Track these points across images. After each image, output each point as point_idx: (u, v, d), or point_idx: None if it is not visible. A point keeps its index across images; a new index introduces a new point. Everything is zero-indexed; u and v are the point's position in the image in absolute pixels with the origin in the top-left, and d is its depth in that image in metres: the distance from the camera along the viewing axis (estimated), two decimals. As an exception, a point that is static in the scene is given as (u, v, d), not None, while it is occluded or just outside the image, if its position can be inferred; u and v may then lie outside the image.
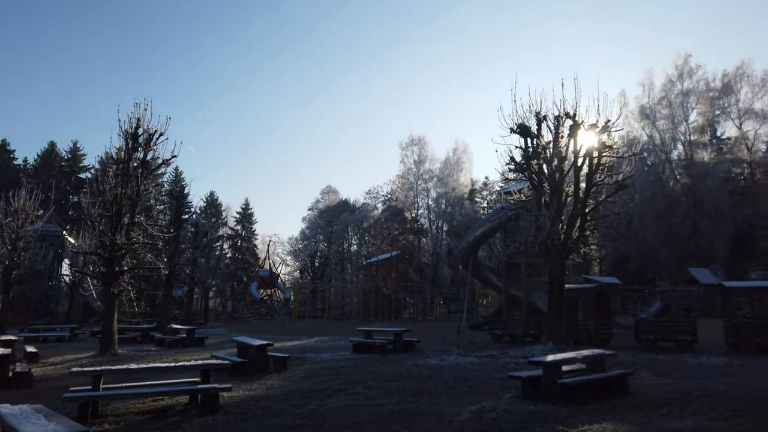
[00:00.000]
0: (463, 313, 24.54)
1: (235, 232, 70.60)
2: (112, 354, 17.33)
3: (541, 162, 17.74)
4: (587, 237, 17.86)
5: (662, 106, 53.29)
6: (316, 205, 72.47)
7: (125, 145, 18.89)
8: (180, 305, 44.22)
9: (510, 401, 8.85)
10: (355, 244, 68.06)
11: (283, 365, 13.29)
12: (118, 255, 17.94)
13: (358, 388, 10.43)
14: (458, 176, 62.68)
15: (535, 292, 22.90)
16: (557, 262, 16.78)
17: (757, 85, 50.27)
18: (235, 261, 66.96)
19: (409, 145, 63.24)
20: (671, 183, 52.66)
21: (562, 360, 9.14)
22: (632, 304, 38.83)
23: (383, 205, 68.32)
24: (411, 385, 10.71)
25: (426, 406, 8.76)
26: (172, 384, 9.48)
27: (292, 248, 69.45)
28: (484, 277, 27.38)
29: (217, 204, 69.06)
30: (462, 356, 15.09)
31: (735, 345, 14.97)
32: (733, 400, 8.45)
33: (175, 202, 30.18)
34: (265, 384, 11.28)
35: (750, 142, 51.31)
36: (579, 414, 7.74)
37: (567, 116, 17.88)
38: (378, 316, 39.16)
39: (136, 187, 18.46)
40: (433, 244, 61.57)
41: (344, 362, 14.63)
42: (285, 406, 9.01)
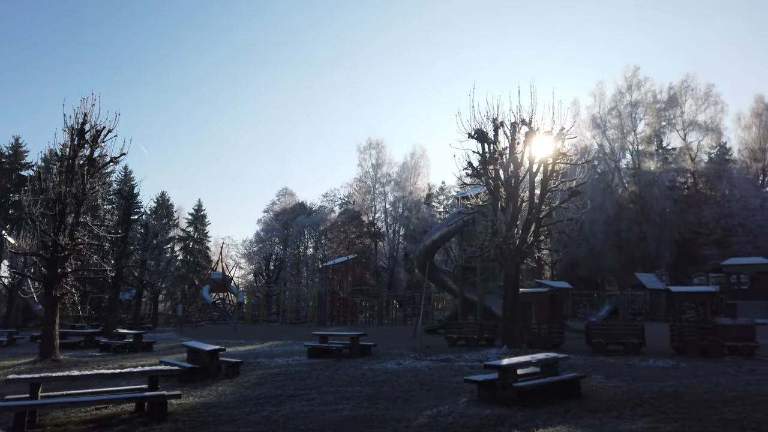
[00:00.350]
0: (420, 316, 24.59)
1: (187, 233, 68.77)
2: (53, 360, 16.47)
3: (497, 167, 17.98)
4: (541, 242, 18.18)
5: (612, 116, 55.13)
6: (271, 207, 71.48)
7: (71, 142, 18.07)
8: (127, 309, 42.65)
9: (466, 405, 8.84)
10: (312, 247, 67.46)
11: (235, 371, 12.93)
12: (61, 256, 17.08)
13: (313, 394, 10.22)
14: (415, 180, 63.09)
15: (489, 296, 23.18)
16: (512, 267, 17.01)
17: (700, 98, 52.69)
18: (186, 263, 65.22)
19: (367, 149, 63.30)
20: (620, 191, 54.46)
21: (517, 363, 9.20)
22: (582, 308, 39.90)
23: (340, 208, 68.01)
24: (367, 390, 10.58)
25: (382, 411, 8.65)
26: (117, 391, 9.04)
27: (247, 251, 68.29)
28: (440, 280, 27.55)
29: (168, 205, 67.07)
30: (418, 360, 15.06)
31: (680, 348, 15.50)
32: (681, 401, 8.68)
33: (124, 201, 29.10)
34: (217, 390, 10.92)
35: (693, 152, 53.68)
36: (534, 417, 7.78)
37: (523, 123, 18.20)
38: (334, 320, 38.85)
39: (81, 186, 17.64)
40: (389, 247, 61.68)
41: (299, 367, 14.36)
42: (237, 413, 8.72)
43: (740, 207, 45.05)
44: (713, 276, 35.05)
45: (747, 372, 11.88)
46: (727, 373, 11.72)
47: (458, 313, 25.18)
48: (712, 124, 52.41)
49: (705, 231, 45.95)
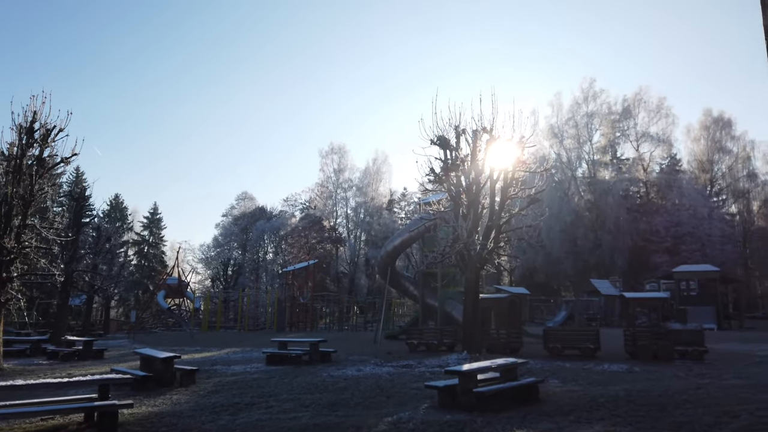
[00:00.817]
0: (380, 322, 24.52)
1: (142, 237, 66.86)
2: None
3: (459, 174, 18.13)
4: (501, 248, 18.42)
5: (569, 126, 56.63)
6: (230, 211, 70.35)
7: (18, 141, 17.30)
8: (77, 315, 41.07)
9: (426, 411, 8.82)
10: (271, 252, 66.63)
11: (191, 379, 12.55)
12: (6, 260, 16.28)
13: (272, 402, 10.02)
14: (377, 186, 63.26)
15: (450, 302, 23.32)
16: (473, 273, 17.16)
17: (652, 110, 54.73)
18: (140, 268, 63.38)
19: (329, 153, 63.11)
20: (576, 199, 55.90)
21: (477, 369, 9.25)
22: (539, 314, 40.65)
23: (301, 213, 67.49)
24: (327, 397, 10.45)
25: (342, 418, 8.54)
26: (65, 401, 8.64)
27: (204, 256, 66.95)
28: (401, 286, 27.57)
29: (122, 207, 65.12)
30: (379, 366, 14.99)
31: (633, 353, 15.92)
32: (635, 405, 8.89)
33: (75, 203, 28.01)
34: (171, 399, 10.58)
35: (646, 163, 55.65)
36: (493, 422, 7.83)
37: (484, 131, 18.42)
38: (293, 326, 38.36)
39: (29, 187, 16.88)
40: (350, 253, 61.50)
41: (257, 374, 14.08)
42: (192, 422, 8.46)
43: (689, 216, 46.89)
44: (664, 282, 36.28)
45: (697, 376, 12.28)
46: (678, 377, 12.08)
47: (419, 319, 25.25)
48: (664, 135, 54.50)
49: (656, 239, 47.61)
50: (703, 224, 46.17)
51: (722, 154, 53.15)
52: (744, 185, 52.08)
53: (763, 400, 9.04)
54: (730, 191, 53.09)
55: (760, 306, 45.56)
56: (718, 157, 53.37)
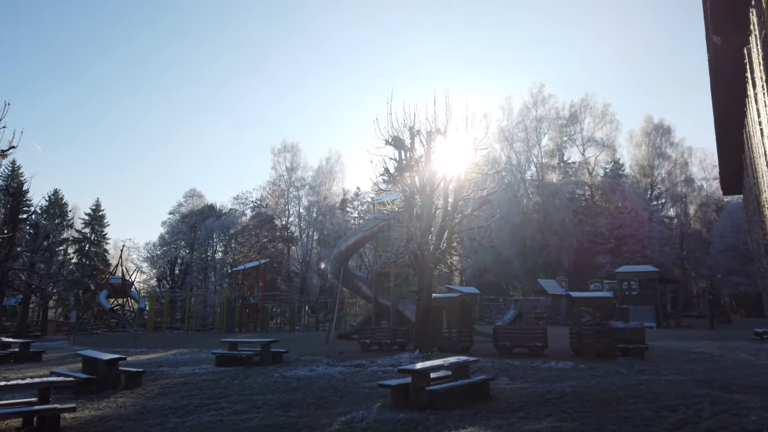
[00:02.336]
0: (333, 322, 24.43)
1: (83, 235, 64.15)
2: None
3: (413, 174, 18.26)
4: (453, 248, 18.67)
5: (519, 130, 58.04)
6: (178, 209, 68.48)
7: (-50, 131, 16.28)
8: (12, 316, 39.04)
9: (379, 410, 8.85)
10: (221, 251, 65.28)
11: (136, 381, 12.16)
12: (-66, 257, 15.34)
13: (222, 403, 9.83)
14: (330, 185, 63.07)
15: (402, 301, 23.48)
16: (426, 272, 17.33)
17: (598, 116, 56.81)
18: (81, 267, 60.82)
19: (281, 152, 62.41)
20: (525, 201, 57.34)
21: (430, 367, 9.35)
22: (489, 313, 41.46)
23: (252, 211, 66.43)
24: (279, 397, 10.33)
25: (295, 419, 8.46)
26: (4, 405, 8.21)
27: (150, 254, 64.84)
28: (354, 286, 27.55)
29: (62, 204, 62.30)
30: (331, 366, 14.93)
31: (579, 350, 16.46)
32: (581, 401, 9.19)
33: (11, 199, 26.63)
34: (116, 402, 10.21)
35: (591, 167, 57.68)
36: (446, 420, 7.93)
37: (438, 132, 18.62)
38: (243, 327, 37.71)
39: (-38, 180, 15.96)
40: (303, 252, 60.99)
41: (206, 376, 13.76)
42: (138, 426, 8.20)
43: (631, 219, 48.95)
44: (607, 282, 37.70)
45: (638, 372, 12.81)
46: (621, 374, 12.57)
47: (371, 319, 25.31)
48: (608, 140, 56.65)
49: (600, 240, 49.42)
50: (644, 226, 48.30)
51: (662, 160, 55.72)
52: (682, 189, 54.77)
53: (699, 394, 9.52)
54: (669, 195, 55.73)
55: (695, 305, 48.01)
56: (658, 162, 55.92)
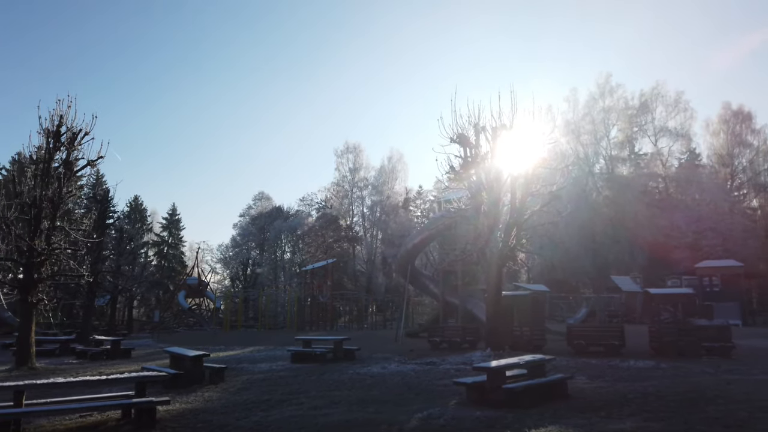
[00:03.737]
0: (401, 320, 24.62)
1: (161, 238, 67.62)
2: (29, 368, 16.01)
3: (479, 171, 18.15)
4: (522, 245, 18.40)
5: (586, 122, 56.07)
6: (248, 211, 70.77)
7: (46, 144, 17.64)
8: (101, 315, 41.76)
9: (456, 408, 8.90)
10: (289, 251, 66.96)
11: (219, 376, 12.76)
12: (37, 261, 16.65)
13: (302, 399, 10.16)
14: (393, 185, 63.23)
15: (471, 299, 23.35)
16: (495, 270, 17.18)
17: (670, 104, 54.01)
18: (160, 269, 64.08)
19: (344, 153, 63.16)
20: (594, 195, 55.39)
21: (506, 365, 9.30)
22: (559, 311, 40.45)
23: (317, 212, 67.69)
24: (355, 394, 10.57)
25: (373, 414, 8.65)
26: (105, 398, 8.86)
27: (223, 256, 67.47)
28: (421, 284, 27.63)
29: (141, 209, 65.80)
30: (403, 364, 15.08)
31: (659, 349, 15.83)
32: (665, 401, 8.88)
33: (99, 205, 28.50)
34: (203, 396, 10.78)
35: (665, 158, 55.01)
36: (524, 418, 7.87)
37: (503, 127, 18.41)
38: (313, 325, 38.62)
39: (58, 189, 17.24)
40: (367, 252, 61.59)
41: (283, 372, 14.26)
42: (226, 419, 8.62)
43: (710, 211, 46.28)
44: (685, 278, 35.91)
45: (726, 372, 12.21)
46: (707, 373, 12.01)
47: (439, 317, 25.32)
48: (682, 130, 53.76)
49: (677, 234, 47.02)
50: (725, 219, 45.55)
51: (742, 148, 52.32)
52: (765, 179, 51.27)
53: (795, 395, 9.00)
54: (752, 185, 52.28)
55: (784, 301, 44.85)
56: (738, 150, 52.56)
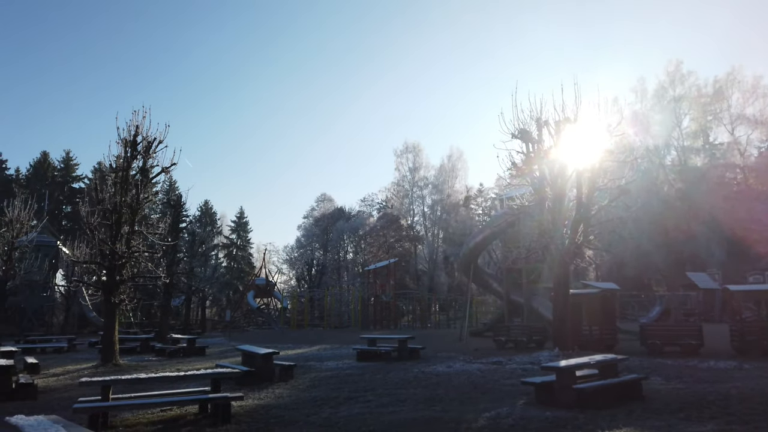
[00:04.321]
0: (465, 319, 24.43)
1: (231, 240, 70.22)
2: (113, 364, 17.08)
3: (542, 166, 17.76)
4: (590, 241, 17.85)
5: (655, 112, 53.64)
6: (311, 213, 72.29)
7: (124, 153, 18.73)
8: (176, 315, 43.82)
9: (524, 407, 8.77)
10: (351, 251, 67.84)
11: (289, 374, 13.14)
12: (118, 264, 17.73)
13: (369, 396, 10.31)
14: (453, 183, 62.77)
15: (536, 298, 22.88)
16: (561, 267, 16.76)
17: (748, 90, 50.76)
18: (230, 270, 66.54)
19: (403, 153, 63.29)
20: (666, 188, 52.88)
21: (575, 365, 9.07)
22: (631, 310, 38.92)
23: (378, 212, 68.24)
24: (421, 392, 10.61)
25: (440, 413, 8.66)
26: (184, 393, 9.33)
27: (288, 256, 69.18)
28: (484, 283, 27.32)
29: (211, 213, 68.62)
30: (468, 363, 14.99)
31: (741, 349, 14.96)
32: (750, 403, 8.41)
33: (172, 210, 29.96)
34: (274, 393, 11.13)
35: (743, 147, 51.77)
36: (597, 419, 7.67)
37: (567, 121, 17.93)
38: (376, 324, 38.98)
39: (135, 196, 18.28)
40: (429, 251, 61.48)
41: (350, 370, 14.49)
42: (297, 414, 8.87)
43: (795, 202, 43.17)
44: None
45: (816, 373, 11.41)
46: (795, 374, 11.27)
47: (504, 316, 24.96)
48: (762, 117, 50.37)
49: (758, 227, 44.13)
50: (811, 210, 42.35)
51: (828, 134, 48.50)
52: None
53: None
54: (841, 173, 48.35)
55: None
56: (823, 137, 48.75)
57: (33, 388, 11.39)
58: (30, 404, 10.41)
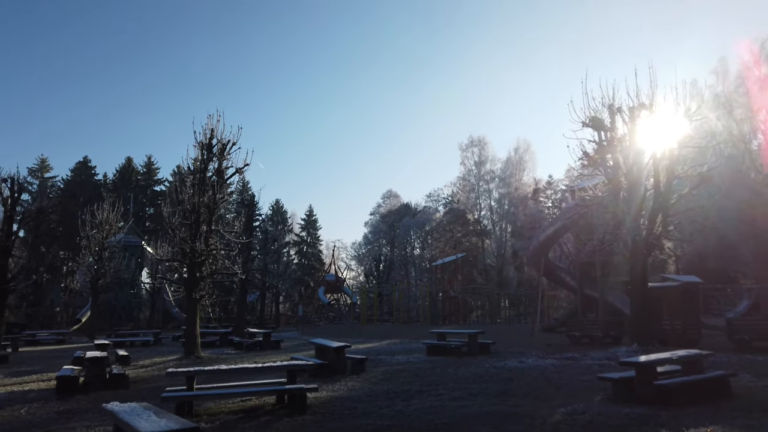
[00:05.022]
0: (537, 314, 23.93)
1: (301, 238, 72.10)
2: (196, 357, 18.01)
3: (616, 155, 17.09)
4: (669, 232, 17.01)
5: (739, 95, 50.24)
6: (377, 209, 72.93)
7: (200, 156, 19.65)
8: (251, 310, 45.56)
9: (602, 404, 8.52)
10: (418, 247, 67.91)
11: (360, 367, 13.36)
12: (198, 261, 18.65)
13: (440, 390, 10.33)
14: (521, 176, 61.36)
15: (612, 292, 22.07)
16: (639, 260, 16.07)
17: None
18: (301, 266, 68.33)
19: (468, 147, 62.50)
20: (752, 174, 49.44)
21: (656, 360, 8.72)
22: (715, 304, 36.76)
23: (444, 207, 67.86)
24: (494, 386, 10.52)
25: (513, 407, 8.56)
26: (262, 384, 9.71)
27: (356, 253, 70.14)
28: (556, 277, 26.64)
29: (282, 211, 70.75)
30: (541, 358, 14.70)
31: None
32: None
33: (246, 209, 31.16)
34: (347, 385, 11.37)
35: (843, 126, 47.60)
36: (680, 417, 7.34)
37: (642, 107, 17.18)
38: (445, 319, 38.88)
39: (212, 196, 19.15)
40: (497, 245, 60.55)
41: (420, 364, 14.56)
42: (370, 406, 9.02)
43: None
44: None
45: None
46: None
47: (577, 311, 24.24)
48: None
49: None
50: None
51: None
52: None
53: None
54: None
55: None
56: None
57: (125, 378, 12.21)
58: (122, 393, 11.16)
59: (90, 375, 11.90)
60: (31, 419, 8.93)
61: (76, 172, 67.53)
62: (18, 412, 9.56)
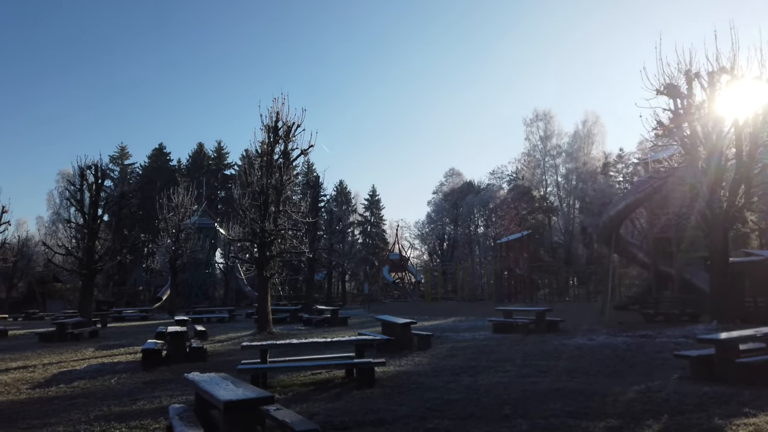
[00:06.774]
0: (608, 292, 23.18)
1: (365, 218, 72.96)
2: (268, 332, 18.74)
3: (694, 124, 16.14)
4: (753, 204, 15.97)
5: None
6: (440, 188, 72.51)
7: (267, 139, 20.16)
8: (319, 288, 46.80)
9: (678, 382, 8.23)
10: (482, 225, 67.15)
11: (427, 343, 13.48)
12: (268, 241, 19.29)
13: (507, 366, 10.28)
14: (589, 150, 59.14)
15: (689, 268, 21.03)
16: (719, 234, 15.21)
17: None
18: (366, 246, 69.26)
19: (533, 121, 60.77)
20: None
21: (738, 338, 8.31)
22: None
23: (509, 185, 66.59)
24: (562, 364, 10.36)
25: (583, 385, 8.40)
26: (332, 358, 10.00)
27: (420, 232, 70.24)
28: (628, 254, 25.64)
29: (346, 192, 71.79)
30: (612, 336, 14.31)
31: None
32: None
33: (311, 191, 31.82)
34: (413, 360, 11.52)
35: None
36: (765, 396, 6.99)
37: (723, 71, 16.08)
38: (511, 297, 38.42)
39: (279, 178, 19.66)
40: (564, 222, 58.90)
41: (486, 341, 14.52)
42: (437, 381, 9.11)
43: None
44: None
45: None
46: None
47: (652, 288, 23.28)
48: None
49: None
50: None
51: None
52: None
53: None
54: None
55: None
56: None
57: (203, 351, 12.91)
58: (201, 365, 11.79)
59: (172, 348, 12.66)
60: (121, 388, 9.62)
61: (153, 158, 71.11)
62: (108, 382, 10.31)
